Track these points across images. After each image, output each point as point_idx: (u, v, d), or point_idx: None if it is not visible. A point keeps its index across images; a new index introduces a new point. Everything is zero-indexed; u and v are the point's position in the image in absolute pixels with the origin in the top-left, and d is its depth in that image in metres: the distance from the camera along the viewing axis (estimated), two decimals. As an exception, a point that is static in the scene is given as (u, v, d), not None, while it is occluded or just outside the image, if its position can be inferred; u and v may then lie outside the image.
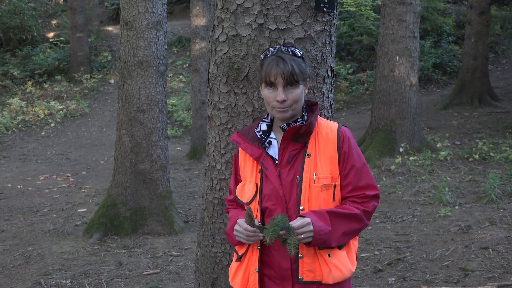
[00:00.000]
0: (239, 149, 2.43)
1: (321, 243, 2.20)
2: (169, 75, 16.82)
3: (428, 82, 15.74)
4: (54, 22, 20.66)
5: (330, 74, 2.71)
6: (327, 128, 2.34)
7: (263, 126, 2.39)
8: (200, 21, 11.05)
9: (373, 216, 6.63)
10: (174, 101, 15.24)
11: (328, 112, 2.75)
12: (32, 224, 7.17)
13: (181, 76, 17.09)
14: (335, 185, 2.28)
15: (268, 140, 2.36)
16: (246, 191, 2.36)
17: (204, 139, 11.07)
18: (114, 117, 14.51)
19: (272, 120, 2.40)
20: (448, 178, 7.91)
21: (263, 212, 2.31)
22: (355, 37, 16.59)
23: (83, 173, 10.44)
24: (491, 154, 8.95)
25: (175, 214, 6.82)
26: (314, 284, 2.26)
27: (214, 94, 2.75)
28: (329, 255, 2.24)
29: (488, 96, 13.36)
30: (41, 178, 10.01)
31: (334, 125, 2.36)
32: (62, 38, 18.59)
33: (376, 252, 5.44)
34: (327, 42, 2.65)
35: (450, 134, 10.87)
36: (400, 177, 8.37)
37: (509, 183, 7.30)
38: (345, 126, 2.38)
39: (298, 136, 2.28)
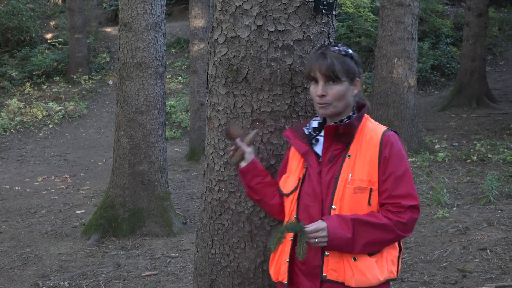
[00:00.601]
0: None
1: (339, 249, 2.20)
2: (167, 76, 16.83)
3: (426, 84, 15.76)
4: (52, 23, 20.66)
5: (328, 76, 2.72)
6: (372, 131, 2.31)
7: (314, 124, 2.42)
8: (198, 22, 11.06)
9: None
10: (172, 102, 15.24)
11: (327, 113, 2.75)
12: (30, 226, 7.17)
13: (179, 77, 17.09)
14: (371, 189, 2.23)
15: (316, 137, 2.40)
16: (288, 183, 2.40)
17: (203, 140, 11.07)
18: (112, 118, 14.50)
19: (325, 119, 2.42)
20: (446, 180, 7.92)
21: (299, 206, 2.34)
22: (354, 38, 16.60)
23: (81, 174, 10.44)
24: (489, 155, 8.97)
25: (174, 215, 6.81)
26: (338, 284, 2.24)
27: (213, 95, 2.75)
28: (354, 259, 2.21)
29: (486, 97, 13.39)
30: (39, 179, 10.00)
31: (381, 129, 2.32)
32: (60, 39, 18.58)
33: (374, 254, 5.43)
34: (326, 44, 2.66)
35: (448, 136, 10.89)
36: (398, 179, 8.37)
37: (506, 185, 7.32)
38: (393, 131, 2.33)
39: (339, 135, 2.30)
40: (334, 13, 2.66)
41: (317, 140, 2.39)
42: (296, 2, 2.53)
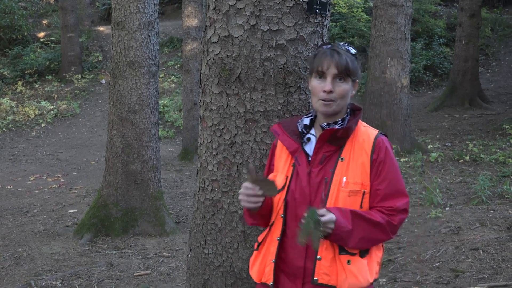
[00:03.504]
0: (278, 140, 2.42)
1: (338, 240, 2.17)
2: (160, 76, 16.79)
3: (419, 84, 15.81)
4: (45, 21, 20.57)
5: (322, 76, 2.71)
6: (365, 134, 2.31)
7: (306, 121, 2.38)
8: (192, 21, 11.04)
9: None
10: (165, 102, 15.21)
11: (320, 113, 2.75)
12: (22, 225, 7.13)
13: (172, 77, 17.06)
14: (364, 192, 2.24)
15: (307, 136, 2.35)
16: (276, 182, 2.32)
17: (196, 140, 11.05)
18: (105, 118, 14.46)
19: (315, 116, 2.38)
20: (439, 180, 7.94)
21: (287, 205, 2.30)
22: (347, 38, 16.62)
23: (73, 173, 10.40)
24: (482, 155, 9.00)
25: (166, 215, 6.80)
26: None
27: (206, 95, 2.75)
28: (348, 262, 2.21)
29: (478, 98, 13.45)
30: (32, 179, 9.95)
31: (373, 132, 2.32)
32: (53, 38, 18.50)
33: (367, 253, 5.44)
34: (319, 44, 2.65)
35: (441, 136, 10.92)
36: (391, 179, 8.38)
37: (499, 185, 7.34)
38: (384, 135, 2.35)
39: (335, 138, 2.27)
40: (327, 12, 2.66)
41: (309, 139, 2.35)
42: (290, 2, 2.53)
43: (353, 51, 2.31)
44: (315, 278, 2.22)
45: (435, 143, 10.23)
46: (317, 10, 2.58)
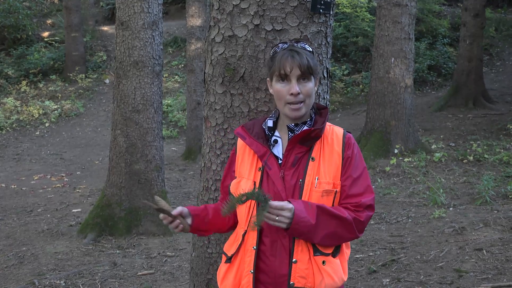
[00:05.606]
0: (239, 144, 2.35)
1: (300, 234, 2.11)
2: (164, 75, 16.80)
3: (423, 84, 15.78)
4: (49, 21, 20.60)
5: (326, 76, 2.71)
6: (333, 133, 2.27)
7: (270, 123, 2.31)
8: (195, 21, 11.04)
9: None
10: (169, 102, 15.22)
11: (324, 113, 2.75)
12: (26, 224, 7.15)
13: (176, 77, 17.07)
14: (336, 192, 2.20)
15: (274, 138, 2.28)
16: (241, 188, 2.24)
17: (199, 140, 11.06)
18: (109, 117, 14.48)
19: (278, 118, 2.33)
20: (443, 180, 7.93)
21: None
22: (351, 38, 16.60)
23: (77, 173, 10.42)
24: (485, 156, 8.98)
25: (170, 214, 6.80)
26: None
27: (210, 94, 2.75)
28: (323, 262, 2.16)
29: (482, 98, 13.40)
30: (35, 178, 9.98)
31: (340, 130, 2.29)
32: (57, 38, 18.54)
33: (371, 253, 5.44)
34: (323, 43, 2.65)
35: (445, 136, 10.90)
36: (395, 179, 8.39)
37: (503, 185, 7.33)
38: (349, 133, 2.32)
39: (308, 139, 2.22)
40: (331, 12, 2.66)
41: (276, 141, 2.28)
42: (294, 1, 2.53)
43: (309, 48, 2.28)
44: (291, 282, 2.15)
45: (439, 143, 10.21)
46: (321, 10, 2.58)
